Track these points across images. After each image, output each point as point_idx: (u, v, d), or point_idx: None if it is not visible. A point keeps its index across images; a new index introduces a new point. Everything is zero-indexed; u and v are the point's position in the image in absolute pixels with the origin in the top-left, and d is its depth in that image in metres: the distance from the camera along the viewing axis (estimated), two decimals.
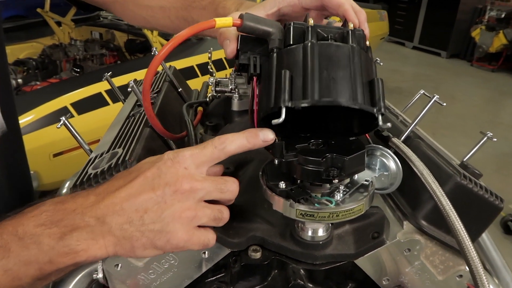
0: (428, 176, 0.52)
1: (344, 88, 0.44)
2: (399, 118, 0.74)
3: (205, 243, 0.46)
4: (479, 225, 0.57)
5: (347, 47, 0.46)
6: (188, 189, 0.44)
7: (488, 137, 0.64)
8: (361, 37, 0.48)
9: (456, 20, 7.16)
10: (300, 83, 0.44)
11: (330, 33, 0.48)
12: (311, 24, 0.47)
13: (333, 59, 0.45)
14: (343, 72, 0.44)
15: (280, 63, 0.47)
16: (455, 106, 5.25)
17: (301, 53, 0.45)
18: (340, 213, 0.46)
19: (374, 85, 0.45)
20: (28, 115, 1.93)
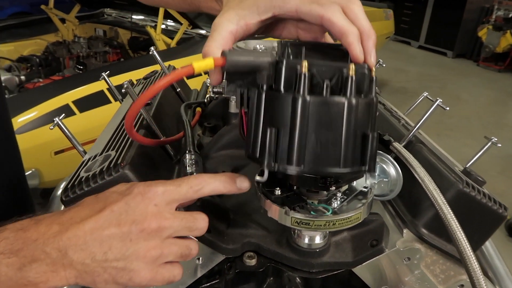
0: (429, 183, 0.50)
1: (334, 153, 0.41)
2: (401, 121, 0.73)
3: (170, 279, 0.45)
4: (481, 234, 0.55)
5: (342, 104, 0.40)
6: (155, 228, 0.42)
7: (493, 142, 0.63)
8: (364, 77, 0.42)
9: (463, 20, 7.10)
10: (286, 143, 0.41)
11: (326, 78, 0.41)
12: (305, 70, 0.40)
13: (325, 119, 0.40)
14: (334, 134, 0.41)
15: (268, 108, 0.43)
16: (461, 106, 5.21)
17: (290, 108, 0.40)
18: (336, 222, 0.44)
19: (368, 142, 0.42)
20: (30, 113, 1.93)
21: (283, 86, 0.41)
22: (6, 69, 2.68)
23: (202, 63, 0.42)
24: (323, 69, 0.41)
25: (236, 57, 0.42)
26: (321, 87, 0.40)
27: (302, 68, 0.40)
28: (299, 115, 0.40)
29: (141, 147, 0.57)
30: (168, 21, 3.16)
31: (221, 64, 0.42)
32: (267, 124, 0.42)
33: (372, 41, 0.44)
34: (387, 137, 0.63)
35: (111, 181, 0.50)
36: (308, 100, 0.40)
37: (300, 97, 0.40)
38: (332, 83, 0.40)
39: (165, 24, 3.11)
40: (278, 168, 0.42)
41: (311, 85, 0.40)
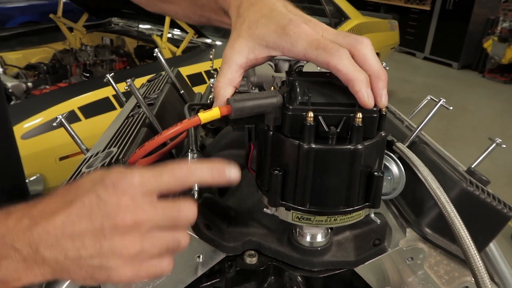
0: (432, 182, 0.50)
1: (339, 195, 0.43)
2: (405, 123, 0.72)
3: (157, 274, 0.42)
4: (486, 234, 0.55)
5: (348, 152, 0.41)
6: (130, 223, 0.38)
7: (497, 143, 0.62)
8: (373, 121, 0.42)
9: (468, 31, 7.11)
10: (292, 185, 0.43)
11: (332, 125, 0.41)
12: (310, 120, 0.40)
13: (331, 166, 0.41)
14: (339, 179, 0.42)
15: (275, 148, 0.44)
16: (466, 117, 5.19)
17: (296, 153, 0.41)
18: (338, 218, 0.44)
19: (373, 182, 0.43)
20: (36, 119, 1.94)
21: (289, 132, 0.42)
22: (14, 76, 2.72)
23: (209, 114, 0.43)
24: (330, 115, 0.41)
25: (241, 104, 0.43)
26: (327, 134, 0.41)
27: (308, 118, 0.40)
28: (305, 161, 0.41)
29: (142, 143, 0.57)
30: (175, 30, 3.19)
31: (226, 113, 0.43)
32: (274, 164, 0.44)
33: (382, 83, 0.43)
34: (390, 138, 0.63)
35: None
36: (313, 147, 0.40)
37: (305, 145, 0.41)
38: (338, 130, 0.41)
39: (171, 33, 3.15)
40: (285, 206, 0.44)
41: (317, 131, 0.41)
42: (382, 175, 0.43)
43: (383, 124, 0.43)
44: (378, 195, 0.44)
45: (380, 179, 0.43)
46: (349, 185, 0.42)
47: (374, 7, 9.01)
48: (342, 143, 0.41)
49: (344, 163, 0.41)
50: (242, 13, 0.49)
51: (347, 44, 0.43)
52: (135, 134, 0.59)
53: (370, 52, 0.44)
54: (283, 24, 0.45)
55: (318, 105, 0.41)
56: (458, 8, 7.19)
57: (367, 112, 0.41)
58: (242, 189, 0.61)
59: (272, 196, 0.44)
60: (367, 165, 0.42)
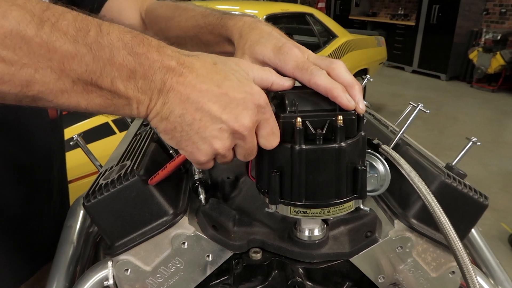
0: (415, 177, 0.56)
1: (330, 188, 0.49)
2: (389, 128, 0.79)
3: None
4: (466, 222, 0.60)
5: (333, 150, 0.48)
6: (262, 103, 0.47)
7: (473, 142, 0.68)
8: (352, 122, 0.49)
9: (454, 43, 7.32)
10: (288, 184, 0.50)
11: (318, 128, 0.48)
12: (299, 125, 0.47)
13: (320, 163, 0.48)
14: (329, 174, 0.48)
15: (271, 153, 0.50)
16: (458, 127, 5.30)
17: (289, 154, 0.48)
18: (331, 209, 0.50)
19: (358, 174, 0.50)
20: None
21: (282, 137, 0.49)
22: None
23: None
24: (315, 120, 0.49)
25: None
26: (315, 136, 0.48)
27: (297, 123, 0.47)
28: (298, 161, 0.48)
29: (152, 157, 0.63)
30: None
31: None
32: (271, 166, 0.50)
33: (356, 89, 0.50)
34: (376, 141, 0.69)
35: (127, 185, 0.55)
36: (304, 148, 0.47)
37: (297, 147, 0.47)
38: (324, 132, 0.48)
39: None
40: (283, 203, 0.51)
41: (305, 134, 0.48)
42: (365, 168, 0.49)
43: (361, 125, 0.50)
44: (364, 187, 0.50)
45: (364, 172, 0.49)
46: (338, 179, 0.48)
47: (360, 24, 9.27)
48: (328, 142, 0.48)
49: (331, 160, 0.47)
50: (244, 35, 0.59)
51: (325, 66, 0.52)
52: (145, 148, 0.65)
53: (343, 69, 0.52)
54: (278, 45, 0.55)
55: (305, 112, 0.48)
56: (442, 22, 7.42)
57: (347, 114, 0.48)
58: (244, 194, 0.67)
59: (272, 195, 0.50)
60: (351, 161, 0.49)
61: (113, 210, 0.56)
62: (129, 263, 0.57)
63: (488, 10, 7.39)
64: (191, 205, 0.62)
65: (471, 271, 0.50)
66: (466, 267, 0.50)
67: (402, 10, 8.88)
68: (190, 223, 0.58)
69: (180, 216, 0.57)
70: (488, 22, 7.45)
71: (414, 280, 0.60)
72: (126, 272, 0.57)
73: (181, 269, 0.58)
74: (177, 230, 0.57)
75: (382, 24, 8.91)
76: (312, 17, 4.38)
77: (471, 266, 0.50)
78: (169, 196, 0.58)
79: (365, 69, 4.91)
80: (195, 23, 0.72)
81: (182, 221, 0.57)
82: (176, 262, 0.58)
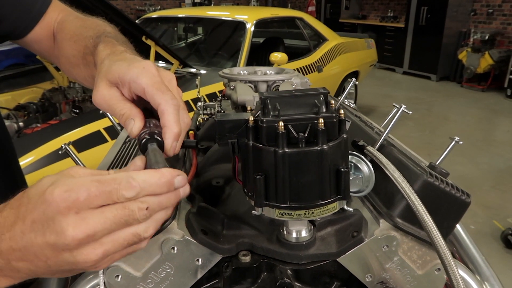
0: (398, 176, 0.57)
1: (314, 190, 0.50)
2: (375, 130, 0.80)
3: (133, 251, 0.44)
4: (450, 220, 0.62)
5: (316, 152, 0.48)
6: (83, 237, 0.39)
7: (456, 141, 0.70)
8: (334, 125, 0.50)
9: (443, 44, 7.40)
10: (273, 186, 0.51)
11: (300, 131, 0.49)
12: (281, 129, 0.48)
13: (303, 165, 0.49)
14: (312, 176, 0.49)
15: (255, 157, 0.51)
16: (449, 126, 5.35)
17: (273, 158, 0.49)
18: (315, 211, 0.51)
19: (341, 176, 0.51)
20: (28, 156, 1.99)
21: (265, 141, 0.50)
22: (4, 118, 2.77)
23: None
24: (297, 124, 0.50)
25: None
26: (297, 139, 0.49)
27: (279, 127, 0.49)
28: (281, 164, 0.49)
29: None
30: (159, 62, 3.30)
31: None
32: (256, 170, 0.51)
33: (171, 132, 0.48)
34: (362, 143, 0.70)
35: None
36: (287, 151, 0.48)
37: (280, 150, 0.49)
38: (306, 135, 0.49)
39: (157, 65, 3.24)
40: (269, 206, 0.52)
41: (288, 138, 0.49)
42: (347, 170, 0.50)
43: (343, 128, 0.51)
44: (347, 188, 0.51)
45: (346, 174, 0.50)
46: (321, 181, 0.49)
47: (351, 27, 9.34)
48: (310, 145, 0.49)
49: (314, 162, 0.49)
50: (103, 61, 0.57)
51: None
52: (133, 156, 0.66)
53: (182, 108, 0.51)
54: (131, 62, 0.52)
55: (287, 116, 0.50)
56: (430, 23, 7.50)
57: (328, 118, 0.50)
58: (232, 198, 0.68)
59: (257, 198, 0.51)
60: (334, 163, 0.50)
61: None
62: (120, 270, 0.57)
63: (476, 11, 7.49)
64: (181, 210, 0.63)
65: (454, 267, 0.51)
66: (449, 263, 0.51)
67: (391, 12, 8.96)
68: (179, 228, 0.59)
69: (169, 221, 0.58)
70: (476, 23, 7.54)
71: (401, 278, 0.62)
72: (117, 279, 0.58)
73: (171, 274, 0.59)
74: (166, 235, 0.58)
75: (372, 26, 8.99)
76: (302, 21, 4.41)
77: (454, 262, 0.51)
78: None
79: (356, 72, 4.95)
80: (84, 43, 0.69)
81: (171, 226, 0.58)
82: (166, 267, 0.59)
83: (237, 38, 3.59)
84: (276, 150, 0.48)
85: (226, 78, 0.79)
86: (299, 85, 0.75)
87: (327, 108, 0.51)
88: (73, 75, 0.77)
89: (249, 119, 0.51)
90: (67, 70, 0.78)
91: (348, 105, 1.02)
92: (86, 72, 0.70)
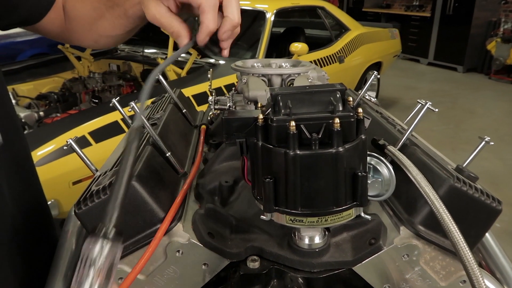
0: (421, 180, 0.52)
1: (327, 196, 0.46)
2: (397, 127, 0.75)
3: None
4: (478, 228, 0.57)
5: (330, 155, 0.44)
6: None
7: (486, 141, 0.64)
8: (350, 125, 0.45)
9: (470, 34, 7.14)
10: (283, 191, 0.46)
11: (314, 131, 0.45)
12: (293, 129, 0.44)
13: (316, 169, 0.45)
14: (326, 181, 0.45)
15: (264, 158, 0.47)
16: (475, 120, 5.16)
17: (283, 160, 0.45)
18: (329, 218, 0.47)
19: (358, 181, 0.46)
20: (48, 146, 2.01)
21: (275, 141, 0.46)
22: (26, 107, 2.81)
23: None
24: (311, 123, 0.45)
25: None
26: (310, 141, 0.44)
27: (291, 127, 0.44)
28: (292, 167, 0.44)
29: (147, 162, 0.60)
30: None
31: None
32: (265, 173, 0.47)
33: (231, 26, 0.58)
34: (382, 142, 0.66)
35: None
36: (298, 154, 0.44)
37: (291, 152, 0.44)
38: (320, 136, 0.44)
39: None
40: (279, 211, 0.48)
41: (300, 139, 0.44)
42: (365, 174, 0.46)
43: (362, 128, 0.46)
44: (364, 194, 0.47)
45: (364, 178, 0.46)
46: (336, 186, 0.45)
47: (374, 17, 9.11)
48: (325, 147, 0.44)
49: (328, 166, 0.44)
50: None
51: None
52: (140, 152, 0.63)
53: (235, 3, 0.57)
54: None
55: (299, 115, 0.45)
56: (458, 12, 7.24)
57: (344, 117, 0.45)
58: (242, 199, 0.65)
59: (266, 203, 0.48)
60: (350, 166, 0.45)
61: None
62: (123, 273, 0.55)
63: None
64: (187, 210, 0.60)
65: (480, 280, 0.46)
66: (475, 276, 0.47)
67: (417, 1, 8.67)
68: (185, 230, 0.56)
69: (174, 223, 0.55)
70: (507, 12, 7.22)
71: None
72: (120, 281, 0.55)
73: (176, 278, 0.56)
74: (171, 238, 0.55)
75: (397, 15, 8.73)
76: (323, 10, 4.30)
77: (480, 274, 0.47)
78: (163, 202, 0.56)
79: (379, 63, 4.81)
80: None
81: (176, 228, 0.55)
82: (171, 270, 0.56)
83: (256, 28, 3.52)
84: (287, 152, 0.44)
85: (239, 71, 0.75)
86: (315, 79, 0.71)
87: (344, 106, 0.47)
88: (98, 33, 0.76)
89: (258, 117, 0.47)
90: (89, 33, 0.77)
91: (369, 99, 0.96)
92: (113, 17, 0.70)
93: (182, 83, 2.61)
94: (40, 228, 0.81)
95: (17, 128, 0.76)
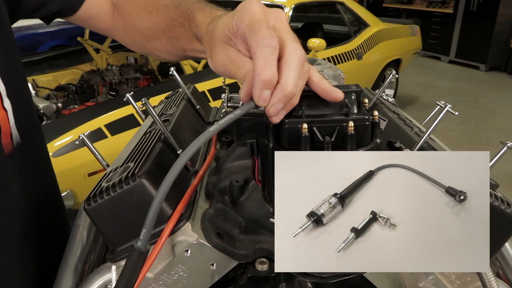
0: None
1: None
2: (414, 129, 0.73)
3: None
4: (496, 238, 0.54)
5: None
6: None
7: (508, 146, 0.62)
8: (365, 128, 0.44)
9: (495, 32, 6.95)
10: None
11: (327, 134, 0.43)
12: (305, 132, 0.42)
13: None
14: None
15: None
16: (496, 120, 5.04)
17: None
18: None
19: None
20: (65, 137, 2.04)
21: (287, 143, 0.44)
22: (45, 98, 2.86)
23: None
24: (324, 126, 0.43)
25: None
26: (322, 144, 0.43)
27: (303, 129, 0.42)
28: None
29: (157, 159, 0.60)
30: None
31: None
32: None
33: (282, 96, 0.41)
34: (398, 144, 0.64)
35: (128, 189, 0.53)
36: None
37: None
38: (333, 139, 0.43)
39: None
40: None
41: (312, 142, 0.43)
42: None
43: (377, 132, 0.45)
44: None
45: None
46: None
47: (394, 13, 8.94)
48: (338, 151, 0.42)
49: None
50: (207, 28, 0.53)
51: (285, 44, 0.42)
52: (151, 149, 0.63)
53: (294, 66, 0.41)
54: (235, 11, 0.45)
55: (312, 117, 0.43)
56: (482, 9, 7.05)
57: (359, 120, 0.43)
58: (252, 199, 0.64)
59: None
60: None
61: (114, 214, 0.54)
62: None
63: None
64: (197, 209, 0.60)
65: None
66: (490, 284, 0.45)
67: None
68: (193, 230, 0.55)
69: (183, 222, 0.55)
70: None
71: None
72: None
73: (184, 277, 0.56)
74: (180, 237, 0.54)
75: (418, 12, 8.55)
76: (342, 5, 4.24)
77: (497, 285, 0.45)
78: (171, 200, 0.55)
79: (398, 60, 4.73)
80: (166, 14, 0.66)
81: (185, 227, 0.55)
82: (179, 269, 0.56)
83: None
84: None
85: None
86: (331, 77, 0.69)
87: (359, 108, 0.45)
88: (147, 48, 0.75)
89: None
90: (137, 43, 0.76)
91: (386, 99, 0.94)
92: (169, 45, 0.68)
93: (198, 77, 2.61)
94: (52, 223, 0.82)
95: (36, 127, 0.76)
